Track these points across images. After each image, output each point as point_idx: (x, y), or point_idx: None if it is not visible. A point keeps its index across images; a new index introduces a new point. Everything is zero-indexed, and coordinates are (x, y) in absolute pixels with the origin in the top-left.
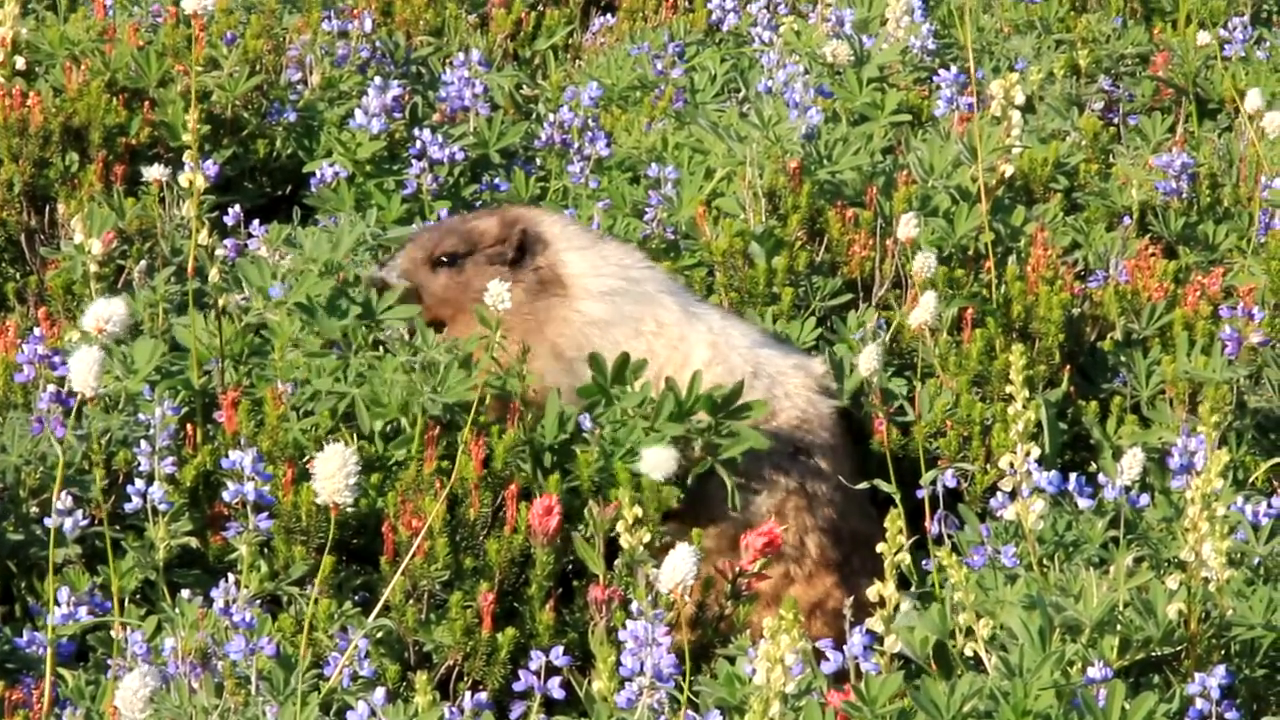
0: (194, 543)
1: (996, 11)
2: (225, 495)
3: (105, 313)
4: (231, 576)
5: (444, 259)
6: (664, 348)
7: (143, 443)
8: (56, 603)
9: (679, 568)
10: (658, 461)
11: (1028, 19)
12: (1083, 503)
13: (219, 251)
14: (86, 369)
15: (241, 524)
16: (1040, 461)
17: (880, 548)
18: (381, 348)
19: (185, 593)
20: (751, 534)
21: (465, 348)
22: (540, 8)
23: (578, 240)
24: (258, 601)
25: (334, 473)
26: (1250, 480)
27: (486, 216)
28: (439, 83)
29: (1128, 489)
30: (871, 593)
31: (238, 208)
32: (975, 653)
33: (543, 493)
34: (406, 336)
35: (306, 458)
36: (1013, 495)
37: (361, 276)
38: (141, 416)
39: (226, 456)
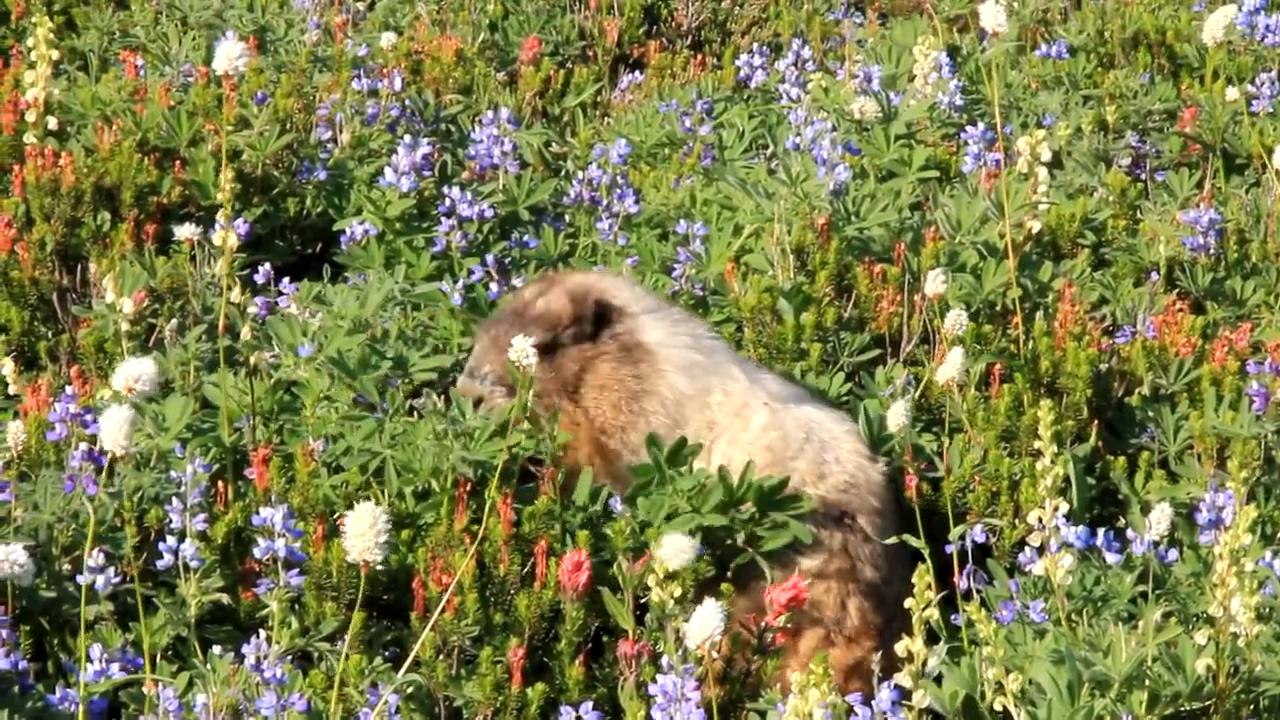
0: (225, 599)
1: (1024, 68)
2: (256, 551)
3: (135, 372)
4: (263, 633)
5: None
6: (726, 416)
7: (174, 500)
8: (88, 659)
9: (706, 623)
10: (677, 548)
11: (1055, 75)
12: (1111, 558)
13: (250, 309)
14: (117, 428)
15: (272, 580)
16: (1068, 516)
17: (909, 603)
18: (416, 414)
19: (216, 649)
20: (776, 589)
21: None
22: (569, 65)
23: (647, 304)
24: (289, 657)
25: (364, 531)
26: (1278, 536)
27: (547, 292)
28: (468, 140)
29: (1156, 544)
30: (900, 648)
31: (268, 266)
32: (1004, 707)
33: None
34: (440, 404)
35: (337, 514)
36: (1041, 550)
37: (452, 391)
38: (173, 474)
39: (257, 513)
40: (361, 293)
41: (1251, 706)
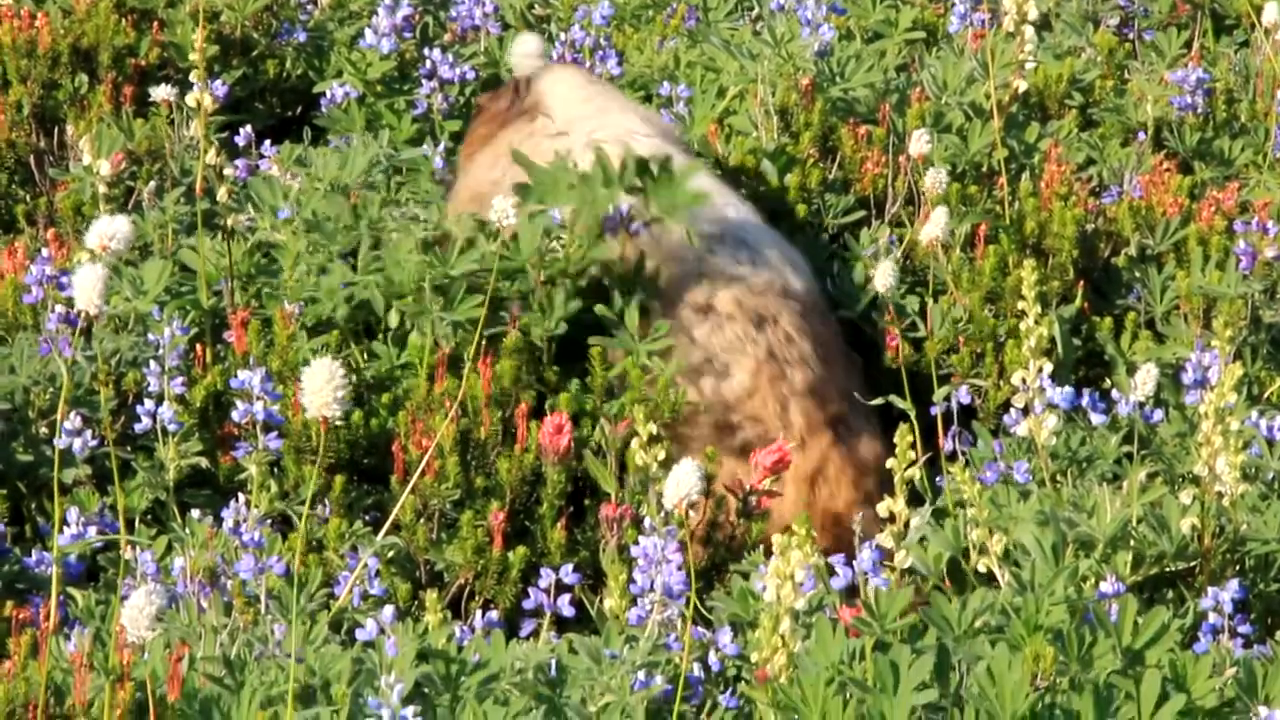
0: (204, 463)
1: None
2: (235, 415)
3: (109, 230)
4: (241, 496)
5: None
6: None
7: (152, 363)
8: (65, 523)
9: (683, 483)
10: (682, 478)
11: None
12: (1096, 418)
13: (228, 172)
14: (91, 286)
15: (251, 444)
16: (1053, 377)
17: (891, 463)
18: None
19: (195, 513)
20: (761, 452)
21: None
22: None
23: (577, 85)
24: (268, 521)
25: (321, 386)
26: (1264, 395)
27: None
28: (450, 2)
29: (1141, 404)
30: (882, 508)
31: (249, 128)
32: (988, 569)
33: (554, 410)
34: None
35: None
36: (1026, 411)
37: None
38: (151, 337)
39: (236, 376)
40: (344, 156)
41: (1237, 566)
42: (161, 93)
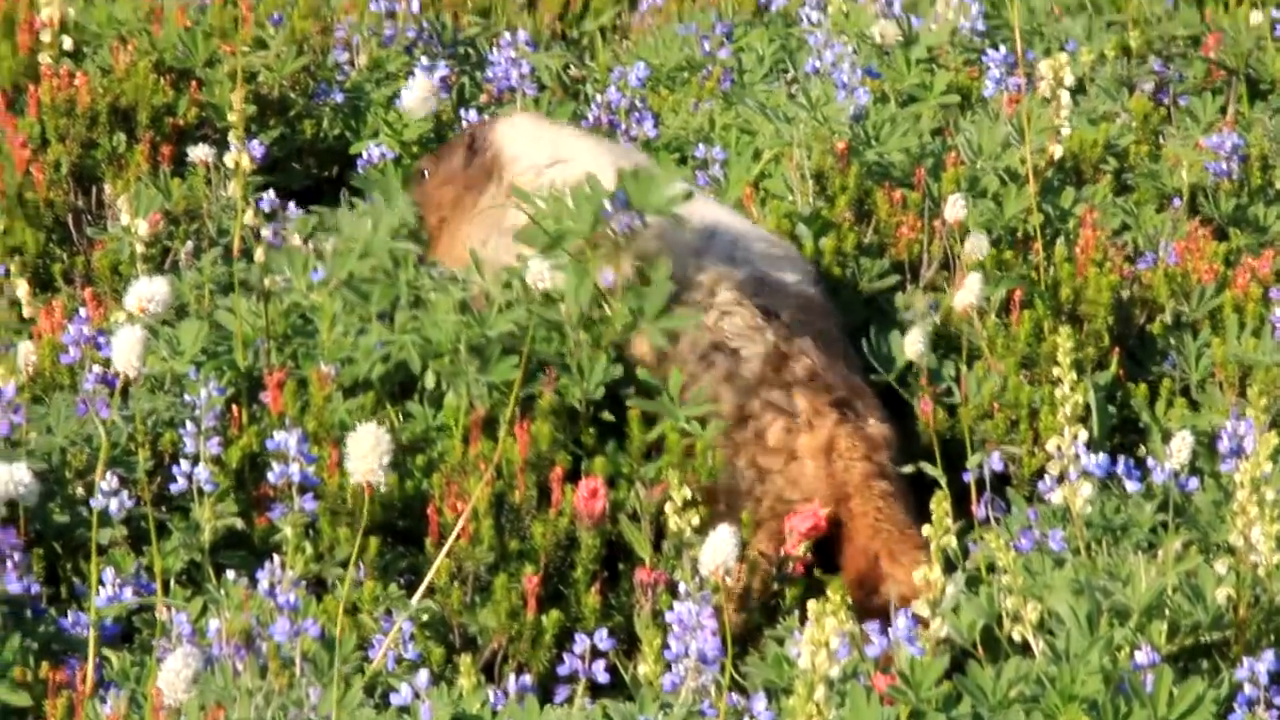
0: (239, 524)
1: None
2: (270, 476)
3: (148, 292)
4: (276, 558)
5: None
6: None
7: (188, 424)
8: (101, 584)
9: (720, 549)
10: (718, 545)
11: (1078, 0)
12: (1131, 486)
13: (265, 232)
14: (130, 348)
15: (287, 505)
16: (1088, 445)
17: (926, 531)
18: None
19: (230, 574)
20: (795, 517)
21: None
22: None
23: (521, 122)
24: (303, 583)
25: (367, 452)
26: None
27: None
28: (486, 63)
29: (1176, 473)
30: (917, 576)
31: (271, 193)
32: (1023, 637)
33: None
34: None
35: None
36: (1060, 479)
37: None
38: (187, 397)
39: (271, 438)
40: (375, 214)
41: (1272, 636)
42: (199, 153)
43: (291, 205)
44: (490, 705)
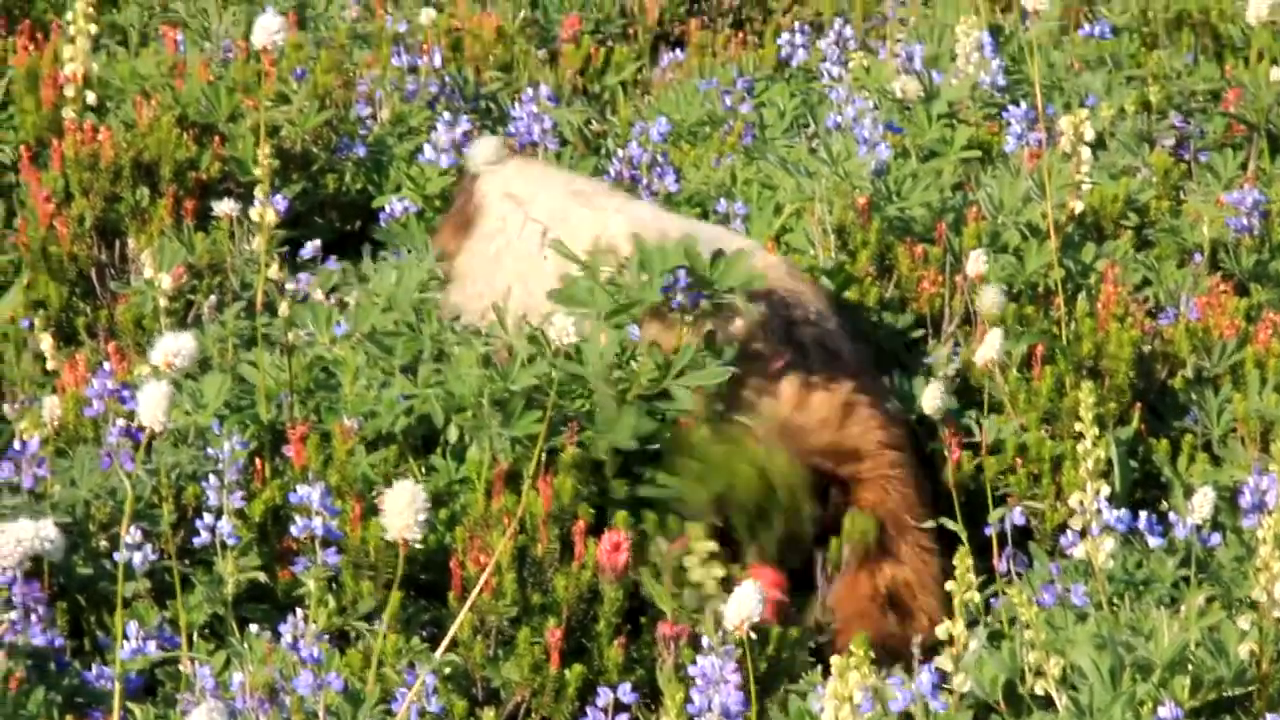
0: (262, 577)
1: (1067, 48)
2: (294, 530)
3: (174, 347)
4: (299, 611)
5: None
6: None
7: (211, 477)
8: (125, 637)
9: (745, 604)
10: (743, 599)
11: (1098, 55)
12: (1153, 541)
13: (288, 286)
14: (155, 404)
15: (310, 559)
16: (1110, 499)
17: (950, 586)
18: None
19: (253, 627)
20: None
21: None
22: (609, 43)
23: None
24: (326, 636)
25: (403, 509)
26: None
27: None
28: (508, 118)
29: (1199, 528)
30: (941, 631)
31: (308, 244)
32: (1045, 691)
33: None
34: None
35: (375, 492)
36: (1082, 533)
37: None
38: (210, 451)
39: (295, 491)
40: (401, 270)
41: None
42: (223, 207)
43: (319, 250)
44: None
